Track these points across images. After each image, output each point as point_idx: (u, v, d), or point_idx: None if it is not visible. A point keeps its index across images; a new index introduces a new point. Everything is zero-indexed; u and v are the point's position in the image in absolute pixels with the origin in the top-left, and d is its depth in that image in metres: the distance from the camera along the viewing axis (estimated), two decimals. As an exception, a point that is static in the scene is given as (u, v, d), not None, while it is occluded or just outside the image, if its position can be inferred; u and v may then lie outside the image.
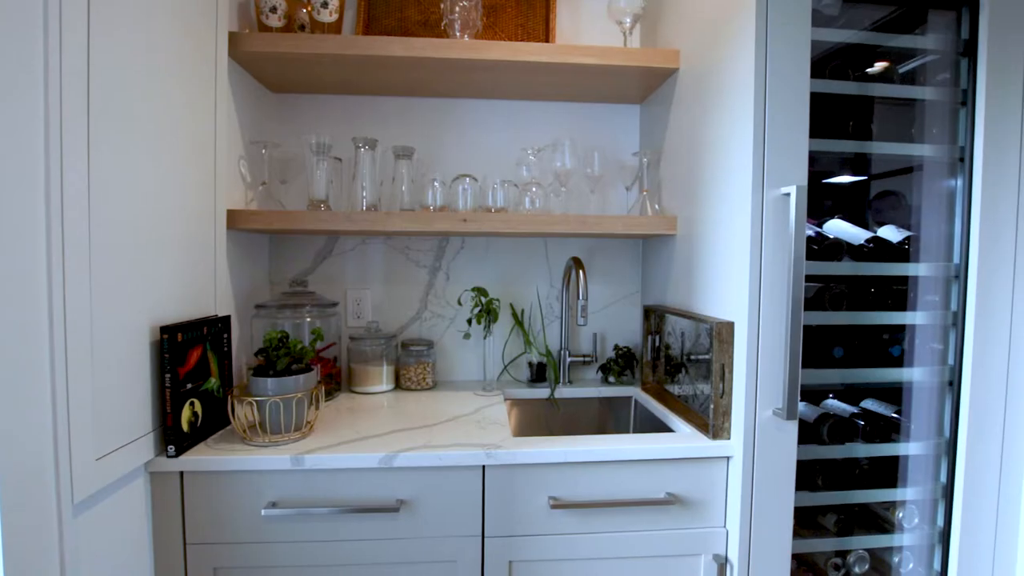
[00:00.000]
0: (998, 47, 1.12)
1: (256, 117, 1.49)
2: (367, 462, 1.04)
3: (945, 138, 1.21)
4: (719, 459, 1.13)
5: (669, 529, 1.13)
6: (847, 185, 1.47)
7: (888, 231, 1.27)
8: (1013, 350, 1.15)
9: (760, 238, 1.06)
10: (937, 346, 1.24)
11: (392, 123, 1.64)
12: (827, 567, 1.29)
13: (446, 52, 1.33)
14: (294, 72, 1.45)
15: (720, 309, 1.18)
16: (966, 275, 1.16)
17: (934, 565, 1.25)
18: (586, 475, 1.11)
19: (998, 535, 1.18)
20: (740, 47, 1.09)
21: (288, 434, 1.10)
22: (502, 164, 1.66)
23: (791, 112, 1.05)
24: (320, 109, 1.63)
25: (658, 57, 1.40)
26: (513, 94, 1.63)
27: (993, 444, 1.16)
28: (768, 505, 1.10)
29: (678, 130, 1.42)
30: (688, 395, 1.31)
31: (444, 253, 1.66)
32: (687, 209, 1.36)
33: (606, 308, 1.72)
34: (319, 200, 1.39)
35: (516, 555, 1.10)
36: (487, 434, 1.16)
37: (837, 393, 1.42)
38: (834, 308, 1.22)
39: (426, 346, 1.56)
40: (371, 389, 1.52)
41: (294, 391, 1.10)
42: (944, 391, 1.22)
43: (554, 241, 1.70)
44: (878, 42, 1.23)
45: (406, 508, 1.07)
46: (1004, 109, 1.12)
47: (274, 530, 1.05)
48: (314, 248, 1.62)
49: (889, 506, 1.31)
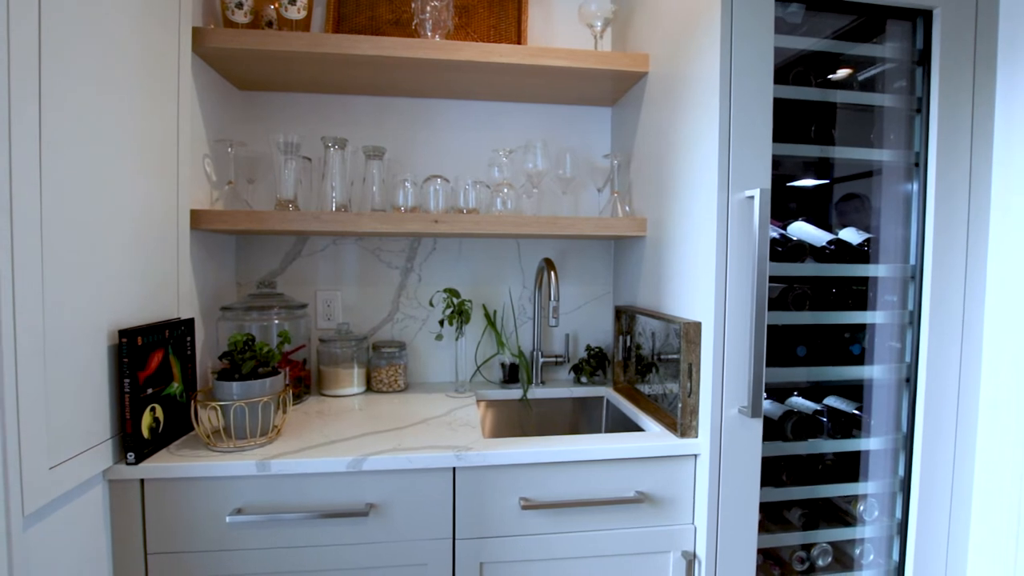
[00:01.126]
0: (950, 57, 1.16)
1: (222, 115, 1.46)
2: (335, 466, 1.03)
3: (902, 144, 1.26)
4: (687, 457, 1.15)
5: (639, 527, 1.14)
6: (811, 188, 1.51)
7: (849, 233, 1.31)
8: (965, 348, 1.20)
9: (725, 240, 1.08)
10: (895, 344, 1.29)
11: (363, 123, 1.62)
12: (792, 560, 1.32)
13: (416, 52, 1.32)
14: (261, 69, 1.42)
15: (688, 309, 1.20)
16: (921, 276, 1.20)
17: (893, 556, 1.29)
18: (557, 475, 1.11)
19: (952, 526, 1.22)
20: (706, 52, 1.12)
21: (254, 439, 1.08)
22: (475, 165, 1.65)
23: (755, 117, 1.08)
24: (289, 107, 1.60)
25: (628, 61, 1.42)
26: (486, 95, 1.63)
27: (947, 438, 1.21)
28: (734, 501, 1.12)
29: (648, 133, 1.44)
30: (658, 394, 1.32)
31: (416, 254, 1.64)
32: (656, 211, 1.38)
33: (578, 309, 1.73)
34: (287, 200, 1.37)
35: (488, 557, 1.10)
36: (458, 436, 1.16)
37: (802, 391, 1.45)
38: (797, 308, 1.25)
39: (398, 348, 1.55)
40: (342, 392, 1.50)
41: (260, 395, 1.08)
42: (902, 388, 1.27)
43: (527, 242, 1.70)
44: (839, 50, 1.27)
45: (376, 512, 1.06)
46: (955, 117, 1.17)
47: (240, 537, 1.03)
48: (283, 249, 1.59)
49: (851, 500, 1.35)
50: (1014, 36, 1.13)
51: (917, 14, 1.20)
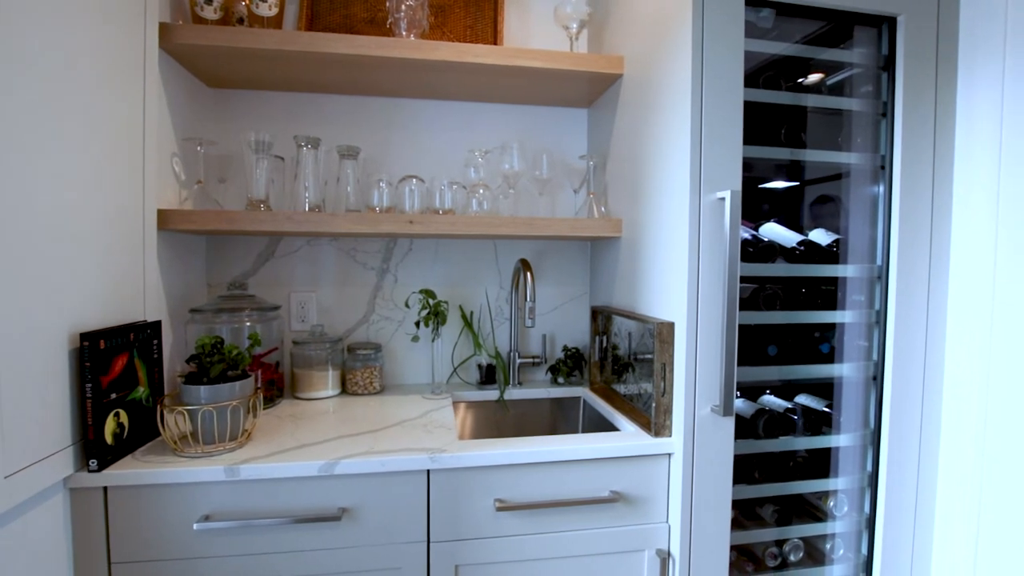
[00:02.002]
0: (913, 62, 1.19)
1: (192, 113, 1.43)
2: (306, 470, 1.01)
3: (868, 147, 1.28)
4: (661, 456, 1.16)
5: (614, 527, 1.15)
6: (783, 191, 1.54)
7: (818, 234, 1.34)
8: (929, 346, 1.23)
9: (698, 241, 1.09)
10: (863, 343, 1.31)
11: (338, 122, 1.61)
12: (765, 556, 1.34)
13: (391, 51, 1.31)
14: (232, 67, 1.40)
15: (662, 310, 1.21)
16: (887, 275, 1.23)
17: (862, 550, 1.32)
18: (532, 476, 1.11)
19: (917, 520, 1.25)
20: (678, 56, 1.13)
21: (223, 444, 1.06)
22: (451, 166, 1.65)
23: (726, 119, 1.09)
24: (262, 106, 1.57)
25: (603, 63, 1.42)
26: (462, 96, 1.63)
27: (912, 434, 1.24)
28: (707, 499, 1.13)
29: (623, 134, 1.45)
30: (633, 394, 1.33)
31: (392, 255, 1.63)
32: (631, 212, 1.39)
33: (555, 309, 1.73)
34: (259, 200, 1.35)
35: (462, 559, 1.09)
36: (433, 438, 1.15)
37: (774, 389, 1.48)
38: (768, 308, 1.27)
39: (373, 349, 1.54)
40: (316, 395, 1.47)
41: (229, 399, 1.05)
42: (869, 385, 1.29)
43: (504, 243, 1.70)
44: (809, 55, 1.29)
45: (348, 516, 1.04)
46: (919, 121, 1.20)
47: (208, 545, 1.01)
48: (255, 250, 1.57)
49: (822, 496, 1.38)
50: (973, 42, 1.17)
51: (882, 20, 1.23)
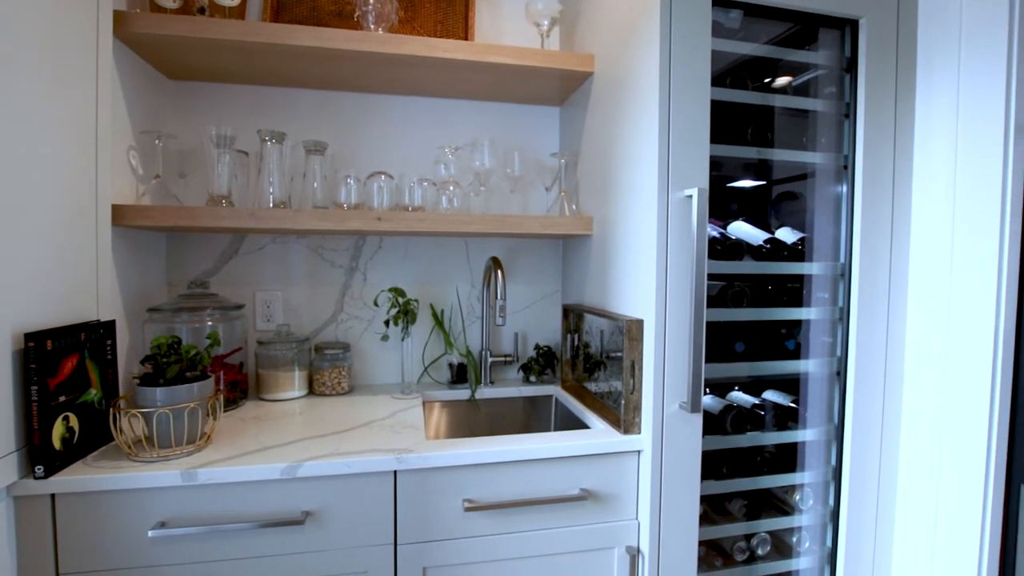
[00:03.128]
0: (874, 64, 1.22)
1: (151, 105, 1.38)
2: (268, 473, 0.98)
3: (832, 147, 1.31)
4: (630, 453, 1.16)
5: (584, 524, 1.15)
6: (752, 189, 1.56)
7: (784, 233, 1.36)
8: (889, 342, 1.26)
9: (666, 238, 1.09)
10: (827, 339, 1.34)
11: (305, 117, 1.57)
12: (733, 551, 1.36)
13: (358, 44, 1.28)
14: (193, 59, 1.35)
15: (631, 307, 1.21)
16: (850, 273, 1.26)
17: (827, 542, 1.34)
18: (501, 475, 1.10)
19: (879, 512, 1.28)
20: (646, 54, 1.13)
21: (180, 447, 1.02)
22: (421, 163, 1.63)
23: (694, 118, 1.10)
24: (225, 99, 1.53)
25: (573, 60, 1.42)
26: (433, 92, 1.61)
27: (874, 428, 1.26)
28: (676, 495, 1.14)
29: (593, 132, 1.45)
30: (604, 392, 1.33)
31: (361, 253, 1.60)
32: (602, 210, 1.39)
33: (528, 308, 1.72)
34: (221, 195, 1.30)
35: (431, 561, 1.07)
36: (400, 438, 1.13)
37: (742, 385, 1.50)
38: (735, 305, 1.29)
39: (342, 349, 1.50)
40: (281, 396, 1.44)
41: (187, 401, 1.02)
42: (833, 381, 1.32)
43: (475, 241, 1.69)
44: (775, 56, 1.31)
45: (312, 520, 1.01)
46: (880, 122, 1.23)
47: (164, 552, 0.97)
48: (218, 248, 1.52)
49: (788, 490, 1.40)
50: (931, 44, 1.20)
51: (845, 23, 1.25)
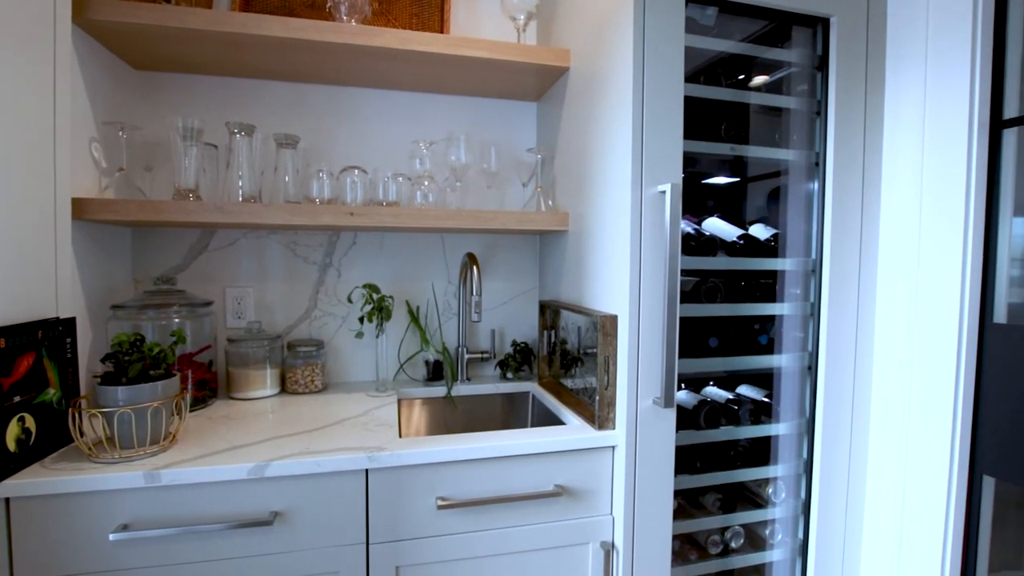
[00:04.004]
0: (845, 62, 1.23)
1: (115, 96, 1.33)
2: (235, 473, 0.96)
3: (804, 144, 1.32)
4: (605, 449, 1.16)
5: (558, 520, 1.14)
6: (727, 186, 1.57)
7: (757, 229, 1.37)
8: (859, 337, 1.28)
9: (639, 234, 1.09)
10: (799, 334, 1.35)
11: (276, 110, 1.53)
12: (707, 544, 1.37)
13: (329, 36, 1.26)
14: (159, 48, 1.31)
15: (606, 303, 1.21)
16: (821, 269, 1.27)
17: (798, 534, 1.36)
18: (475, 473, 1.09)
19: (849, 503, 1.30)
20: (620, 50, 1.13)
21: (143, 448, 0.99)
22: (396, 157, 1.60)
23: (667, 113, 1.10)
24: (194, 91, 1.48)
25: (549, 55, 1.41)
26: (408, 85, 1.58)
27: (844, 422, 1.28)
28: (650, 490, 1.14)
29: (569, 128, 1.45)
30: (580, 388, 1.33)
31: (335, 249, 1.57)
32: (578, 205, 1.39)
33: (505, 304, 1.72)
34: (188, 189, 1.27)
35: (404, 560, 1.06)
36: (373, 436, 1.11)
37: (717, 380, 1.51)
38: (709, 300, 1.30)
39: (315, 347, 1.48)
40: (253, 394, 1.41)
41: (150, 400, 0.99)
42: (805, 375, 1.34)
43: (452, 237, 1.67)
44: (750, 53, 1.32)
45: (281, 520, 0.99)
46: (850, 119, 1.24)
47: (127, 556, 0.94)
48: (186, 243, 1.48)
49: (762, 483, 1.42)
50: (899, 42, 1.22)
51: (817, 21, 1.27)
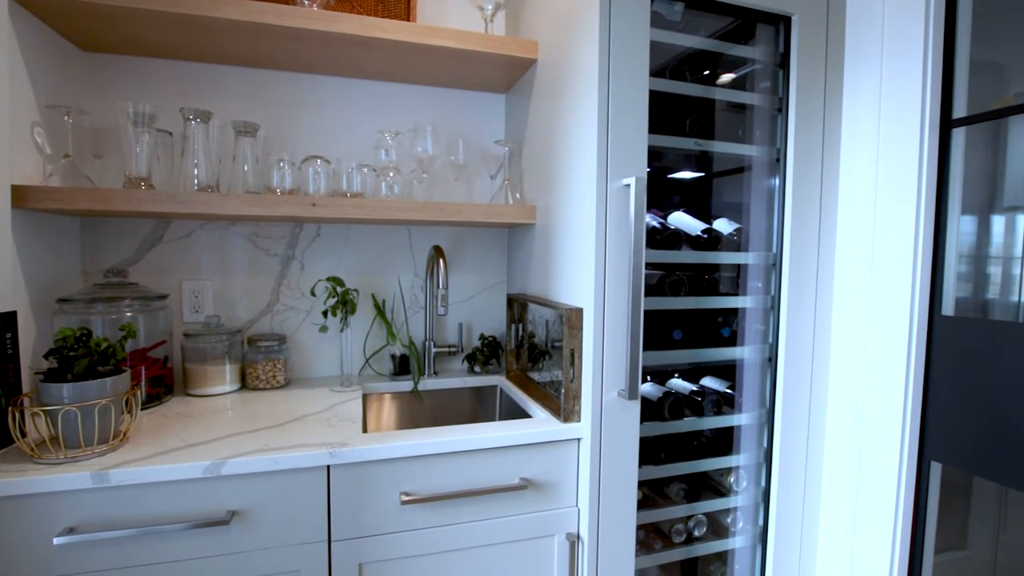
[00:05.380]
0: (805, 60, 1.26)
1: (60, 78, 1.27)
2: (190, 472, 0.93)
3: (767, 140, 1.35)
4: (570, 441, 1.17)
5: (524, 513, 1.15)
6: (693, 181, 1.59)
7: (721, 223, 1.39)
8: (817, 329, 1.31)
9: (604, 227, 1.10)
10: (760, 327, 1.38)
11: (235, 96, 1.48)
12: (671, 533, 1.39)
13: (289, 20, 1.22)
14: (107, 28, 1.25)
15: (572, 296, 1.21)
16: (781, 263, 1.30)
17: (759, 521, 1.40)
18: (440, 467, 1.08)
19: (807, 490, 1.34)
20: (586, 42, 1.12)
21: (91, 448, 0.95)
22: (360, 148, 1.57)
23: (632, 107, 1.10)
24: (148, 75, 1.42)
25: (516, 46, 1.40)
26: (374, 74, 1.55)
27: (802, 411, 1.32)
28: (614, 481, 1.15)
29: (537, 120, 1.44)
30: (546, 381, 1.33)
31: (298, 241, 1.53)
32: (545, 198, 1.39)
33: (473, 297, 1.71)
34: (139, 177, 1.22)
35: (367, 557, 1.05)
36: (335, 432, 1.09)
37: (682, 372, 1.53)
38: (674, 294, 1.31)
39: (277, 341, 1.44)
40: (211, 391, 1.37)
41: (98, 397, 0.95)
42: (766, 367, 1.37)
43: (419, 230, 1.65)
44: (716, 49, 1.33)
45: (239, 519, 0.97)
46: (809, 116, 1.27)
47: (73, 560, 0.90)
48: (140, 234, 1.42)
49: (724, 472, 1.45)
50: (857, 41, 1.25)
51: (779, 19, 1.29)
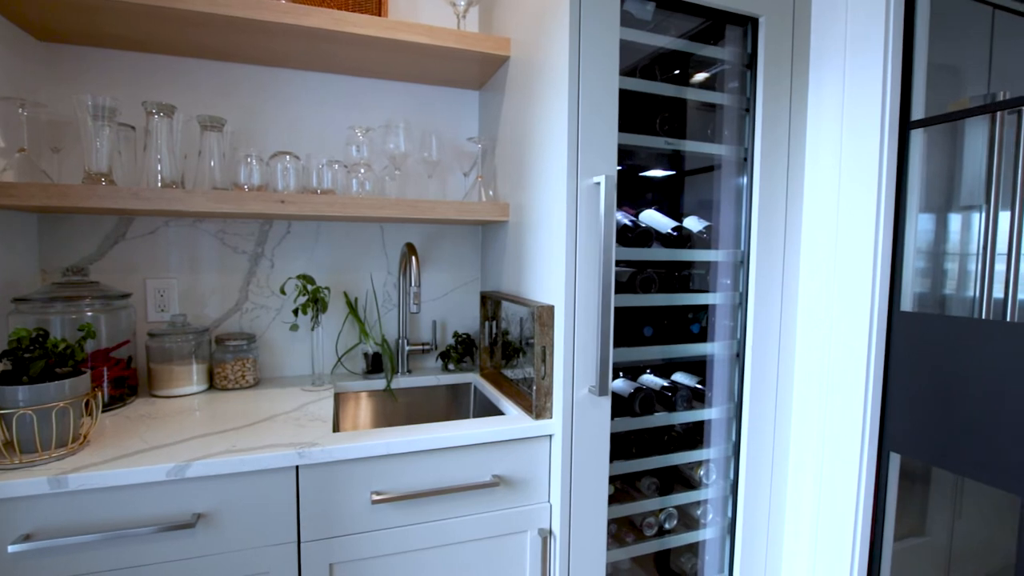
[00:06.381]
0: (772, 61, 1.28)
1: (15, 68, 1.22)
2: (153, 475, 0.91)
3: (735, 140, 1.37)
4: (542, 438, 1.17)
5: (497, 510, 1.15)
6: (664, 179, 1.61)
7: (691, 221, 1.41)
8: (783, 325, 1.34)
9: (575, 225, 1.11)
10: (729, 323, 1.41)
11: (201, 90, 1.45)
12: (643, 526, 1.42)
13: (256, 13, 1.19)
14: (64, 18, 1.20)
15: (543, 293, 1.22)
16: (748, 260, 1.33)
17: (728, 513, 1.43)
18: (411, 466, 1.08)
19: (773, 482, 1.38)
20: (556, 40, 1.13)
21: (49, 452, 0.92)
22: (331, 144, 1.55)
23: (602, 106, 1.11)
24: (110, 66, 1.38)
25: (489, 43, 1.40)
26: (346, 69, 1.53)
27: (768, 405, 1.35)
28: (586, 477, 1.16)
29: (510, 118, 1.44)
30: (519, 378, 1.34)
31: (267, 238, 1.51)
32: (518, 196, 1.39)
33: (447, 295, 1.70)
34: (100, 173, 1.18)
35: (338, 557, 1.04)
36: (305, 432, 1.08)
37: (654, 368, 1.55)
38: (644, 291, 1.33)
39: (246, 340, 1.42)
40: (177, 391, 1.34)
41: (56, 399, 0.92)
42: (734, 362, 1.40)
43: (391, 227, 1.64)
44: (686, 50, 1.35)
45: (205, 522, 0.95)
46: (776, 117, 1.30)
47: (31, 568, 0.88)
48: (101, 231, 1.38)
49: (694, 466, 1.47)
50: (822, 43, 1.28)
51: (747, 21, 1.31)
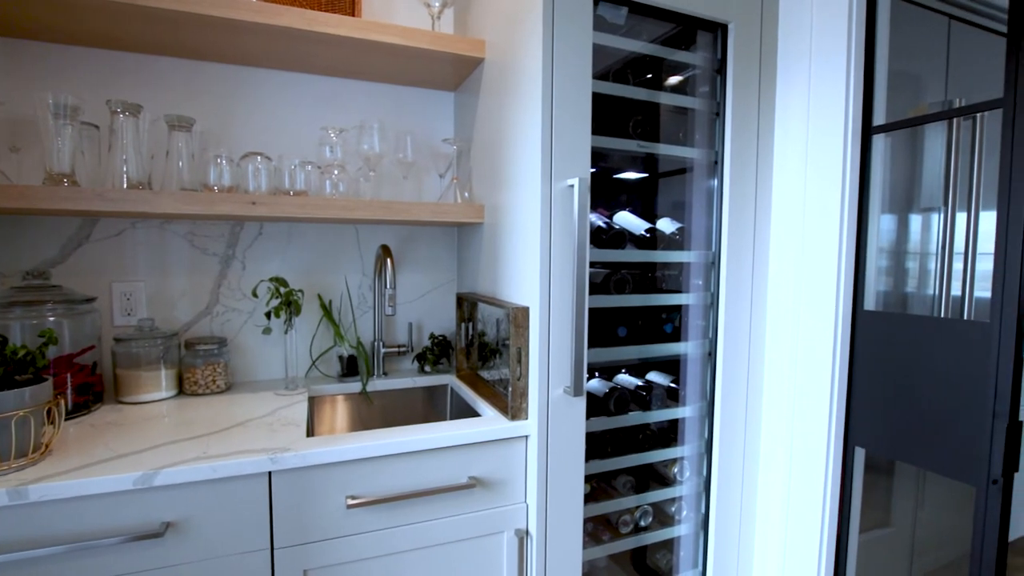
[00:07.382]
0: (741, 66, 1.31)
1: (-33, 65, 1.18)
2: (118, 484, 0.88)
3: (706, 143, 1.40)
4: (518, 439, 1.18)
5: (473, 512, 1.15)
6: (639, 182, 1.63)
7: (664, 223, 1.44)
8: (752, 325, 1.38)
9: (549, 226, 1.11)
10: (701, 323, 1.44)
11: (169, 89, 1.41)
12: (619, 524, 1.43)
13: (225, 11, 1.17)
14: (22, 12, 1.17)
15: (519, 295, 1.23)
16: (719, 261, 1.36)
17: (701, 509, 1.46)
18: (387, 469, 1.07)
19: (744, 477, 1.41)
20: (530, 43, 1.14)
21: (8, 462, 0.89)
22: (304, 144, 1.53)
23: (576, 108, 1.12)
24: (71, 63, 1.33)
25: (464, 45, 1.40)
26: (319, 69, 1.51)
27: (739, 403, 1.38)
28: (561, 476, 1.17)
29: (485, 119, 1.44)
30: (496, 380, 1.34)
31: (239, 240, 1.48)
32: (493, 197, 1.39)
33: (423, 297, 1.69)
34: (61, 173, 1.15)
35: (313, 562, 1.03)
36: (278, 437, 1.06)
37: (629, 368, 1.57)
38: (618, 292, 1.34)
39: (216, 344, 1.39)
40: (145, 397, 1.30)
41: (15, 408, 0.89)
42: (707, 361, 1.42)
43: (366, 229, 1.62)
44: (659, 54, 1.37)
45: (174, 531, 0.93)
46: (745, 121, 1.33)
47: (-12, 582, 0.85)
48: (64, 233, 1.34)
49: (669, 463, 1.50)
50: (788, 50, 1.31)
51: (717, 27, 1.34)
